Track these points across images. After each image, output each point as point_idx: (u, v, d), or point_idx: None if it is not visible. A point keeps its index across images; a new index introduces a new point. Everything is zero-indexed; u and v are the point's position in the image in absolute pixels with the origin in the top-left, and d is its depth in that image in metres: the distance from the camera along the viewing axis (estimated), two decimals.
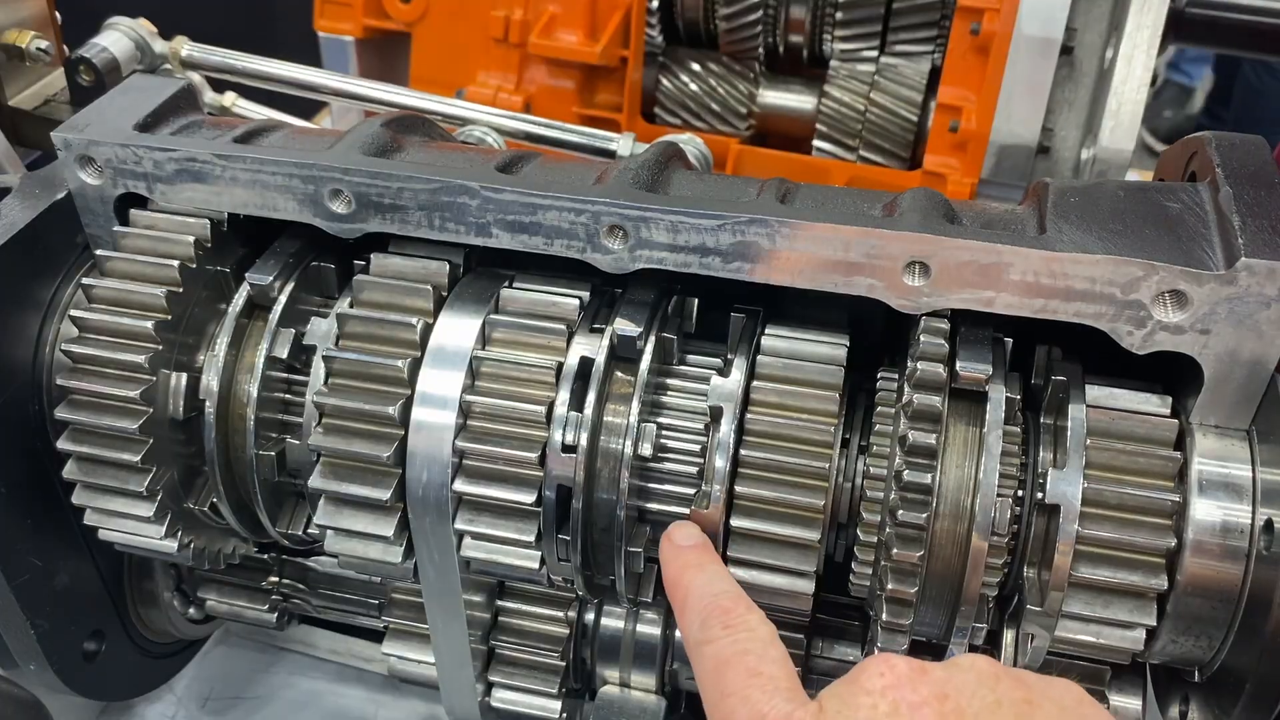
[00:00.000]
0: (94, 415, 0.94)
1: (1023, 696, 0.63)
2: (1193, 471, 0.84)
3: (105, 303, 0.96)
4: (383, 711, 1.38)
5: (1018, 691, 0.64)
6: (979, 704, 0.62)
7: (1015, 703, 0.63)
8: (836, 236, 0.86)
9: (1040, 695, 0.64)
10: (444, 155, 1.00)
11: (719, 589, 0.79)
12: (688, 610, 0.78)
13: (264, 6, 2.86)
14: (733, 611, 0.75)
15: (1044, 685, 0.65)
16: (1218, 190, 0.86)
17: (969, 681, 0.64)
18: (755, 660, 0.70)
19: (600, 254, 0.91)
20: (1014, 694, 0.63)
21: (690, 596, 0.79)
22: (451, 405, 0.90)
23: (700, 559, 0.83)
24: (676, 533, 0.87)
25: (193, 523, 1.02)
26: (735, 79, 1.91)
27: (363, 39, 1.89)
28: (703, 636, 0.75)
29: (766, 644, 0.72)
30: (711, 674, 0.72)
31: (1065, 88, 1.64)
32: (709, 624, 0.75)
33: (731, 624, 0.74)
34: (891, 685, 0.64)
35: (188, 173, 0.96)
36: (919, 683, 0.63)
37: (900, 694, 0.63)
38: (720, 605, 0.76)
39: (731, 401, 0.89)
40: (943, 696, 0.62)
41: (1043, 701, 0.63)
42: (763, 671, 0.69)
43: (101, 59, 1.35)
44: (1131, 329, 0.83)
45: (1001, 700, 0.63)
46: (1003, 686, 0.64)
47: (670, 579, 0.83)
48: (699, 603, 0.78)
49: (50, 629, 1.06)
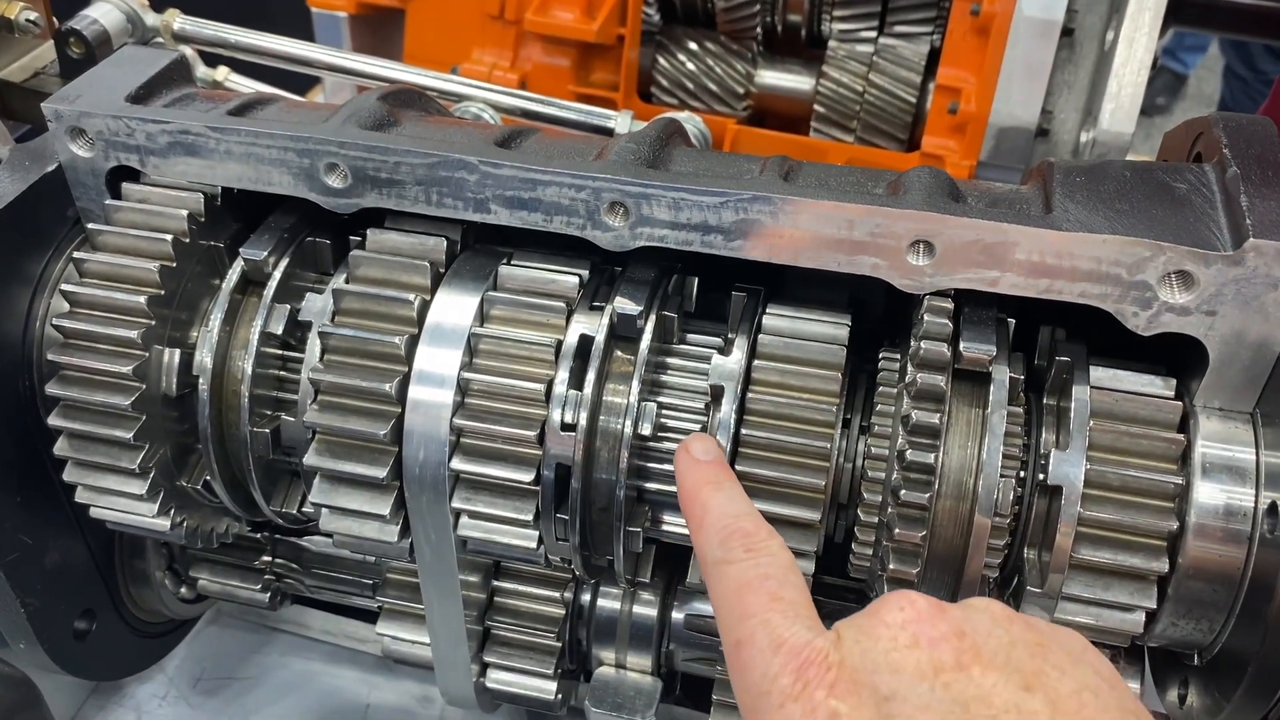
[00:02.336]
0: (85, 391, 0.93)
1: (1034, 639, 0.64)
2: (1196, 454, 0.84)
3: (97, 277, 0.95)
4: (376, 692, 1.37)
5: (1029, 634, 0.65)
6: (994, 642, 0.63)
7: (1028, 644, 0.64)
8: (840, 214, 0.85)
9: (1050, 639, 0.65)
10: (442, 130, 0.99)
11: (739, 509, 0.77)
12: (705, 527, 0.77)
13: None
14: (755, 535, 0.74)
15: (1052, 630, 0.67)
16: (1225, 170, 0.85)
17: (984, 621, 0.65)
18: (777, 585, 0.70)
19: (601, 231, 0.90)
20: (1026, 636, 0.64)
21: (709, 514, 0.78)
22: (449, 383, 0.89)
23: (718, 475, 0.82)
24: (694, 445, 0.85)
25: (185, 501, 1.01)
26: (733, 59, 1.90)
27: (356, 15, 1.87)
28: (723, 556, 0.74)
29: (788, 570, 0.72)
30: (731, 595, 0.71)
31: (1065, 70, 1.63)
32: (729, 544, 0.74)
33: (754, 547, 0.73)
34: (912, 619, 0.64)
35: (181, 145, 0.95)
36: (938, 619, 0.64)
37: (920, 628, 0.63)
38: (742, 527, 0.75)
39: (732, 381, 0.89)
40: (960, 633, 0.63)
41: (1052, 645, 0.64)
42: (784, 597, 0.69)
43: (92, 31, 1.32)
44: (1137, 310, 0.82)
45: (1015, 641, 0.63)
46: (1015, 628, 0.65)
47: (686, 492, 0.81)
48: (718, 521, 0.76)
49: (40, 608, 1.05)
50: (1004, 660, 0.62)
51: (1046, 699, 0.60)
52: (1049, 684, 0.61)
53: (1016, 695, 0.60)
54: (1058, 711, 0.59)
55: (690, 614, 1.11)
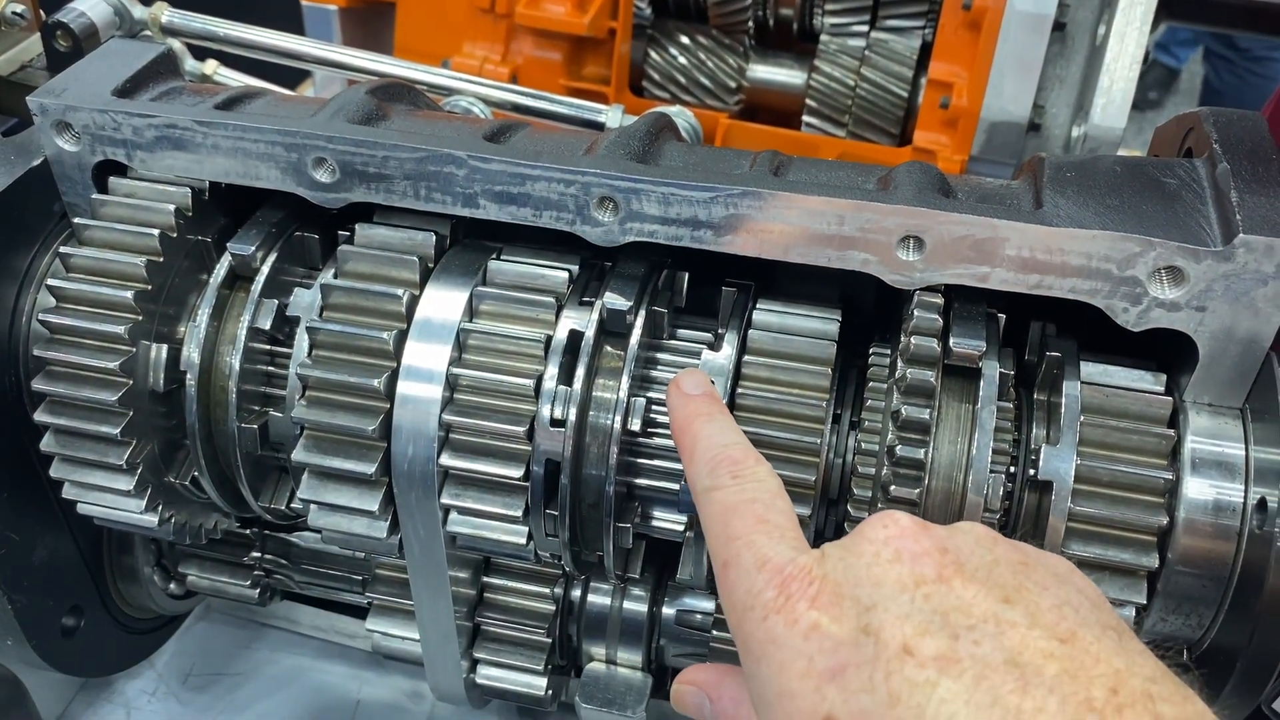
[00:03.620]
0: (72, 387, 0.92)
1: (1019, 559, 0.65)
2: (1186, 449, 0.84)
3: (83, 272, 0.94)
4: (366, 688, 1.37)
5: (1014, 554, 0.65)
6: (977, 560, 0.63)
7: (1011, 563, 0.64)
8: (830, 210, 0.85)
9: (1035, 560, 0.65)
10: (431, 124, 0.98)
11: (728, 439, 0.78)
12: (696, 458, 0.78)
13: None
14: (742, 462, 0.75)
15: (1039, 554, 0.67)
16: (1215, 166, 0.85)
17: (968, 540, 0.65)
18: (762, 508, 0.71)
19: (590, 226, 0.89)
20: (1010, 555, 0.65)
21: (699, 444, 0.78)
22: (438, 378, 0.89)
23: (709, 408, 0.82)
24: (685, 380, 0.85)
25: (174, 497, 1.01)
26: (724, 53, 1.90)
27: (346, 8, 1.86)
28: (711, 483, 0.75)
29: (774, 494, 0.73)
30: (718, 519, 0.72)
31: (1057, 64, 1.63)
32: (717, 472, 0.75)
33: (740, 473, 0.74)
34: (895, 536, 0.64)
35: (168, 140, 0.94)
36: (921, 535, 0.64)
37: (903, 544, 0.64)
38: (730, 455, 0.76)
39: (722, 376, 0.88)
40: (943, 550, 0.63)
41: (1037, 565, 0.65)
42: (769, 519, 0.70)
43: (79, 24, 1.31)
44: (1127, 306, 0.82)
45: (999, 560, 0.64)
46: (1000, 549, 0.65)
47: (678, 426, 0.82)
48: (707, 451, 0.77)
49: (28, 604, 1.04)
50: (985, 575, 0.62)
51: (1026, 610, 0.60)
52: (1029, 598, 0.61)
53: (996, 606, 0.60)
54: (1036, 623, 0.59)
55: (681, 609, 1.11)
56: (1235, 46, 4.66)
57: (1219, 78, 4.80)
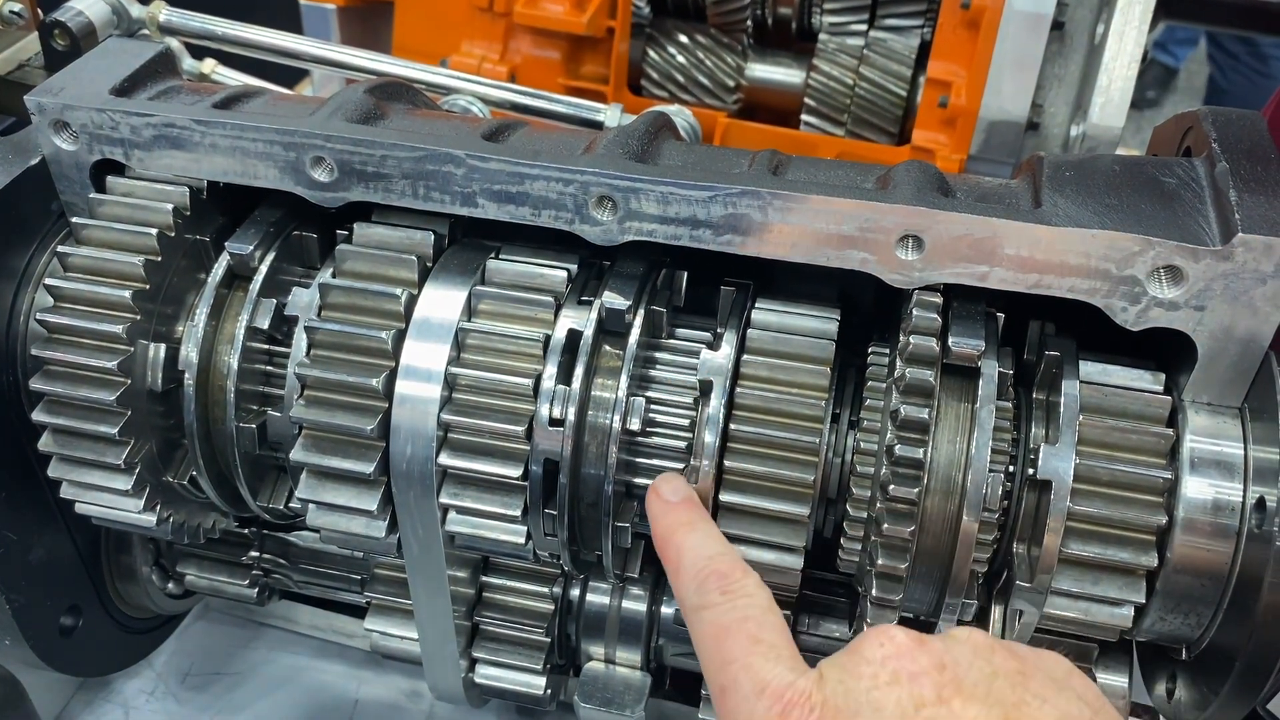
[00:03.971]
0: (70, 386, 0.92)
1: (1016, 668, 0.65)
2: (1184, 449, 0.84)
3: (81, 271, 0.94)
4: (364, 688, 1.37)
5: (1011, 663, 0.65)
6: (975, 674, 0.63)
7: (1009, 673, 0.64)
8: (829, 209, 0.84)
9: (1033, 667, 0.65)
10: (429, 123, 0.98)
11: (713, 550, 0.78)
12: (682, 572, 0.77)
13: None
14: (730, 576, 0.75)
15: (1035, 657, 0.67)
16: (1214, 165, 0.85)
17: (965, 653, 0.65)
18: (756, 627, 0.70)
19: (589, 225, 0.89)
20: (1008, 665, 0.65)
21: (684, 558, 0.78)
22: (436, 378, 0.89)
23: (691, 516, 0.82)
24: (664, 487, 0.85)
25: (172, 496, 1.01)
26: (723, 52, 1.89)
27: (344, 6, 1.86)
28: (700, 601, 0.74)
29: (766, 610, 0.72)
30: (711, 640, 0.71)
31: (1055, 63, 1.63)
32: (706, 588, 0.74)
33: (730, 589, 0.74)
34: (892, 655, 0.64)
35: (166, 139, 0.94)
36: (918, 653, 0.64)
37: (900, 664, 0.64)
38: (717, 569, 0.75)
39: (721, 375, 0.88)
40: (941, 666, 0.63)
41: (1035, 672, 0.65)
42: (764, 639, 0.70)
43: (77, 23, 1.31)
44: (1126, 305, 0.82)
45: (997, 671, 0.64)
46: (997, 658, 0.65)
47: (661, 537, 0.82)
48: (694, 565, 0.77)
49: (26, 603, 1.04)
50: (985, 692, 0.62)
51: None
52: (1030, 713, 0.61)
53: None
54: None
55: (679, 609, 1.11)
56: (1242, 40, 4.65)
57: (1224, 76, 4.80)
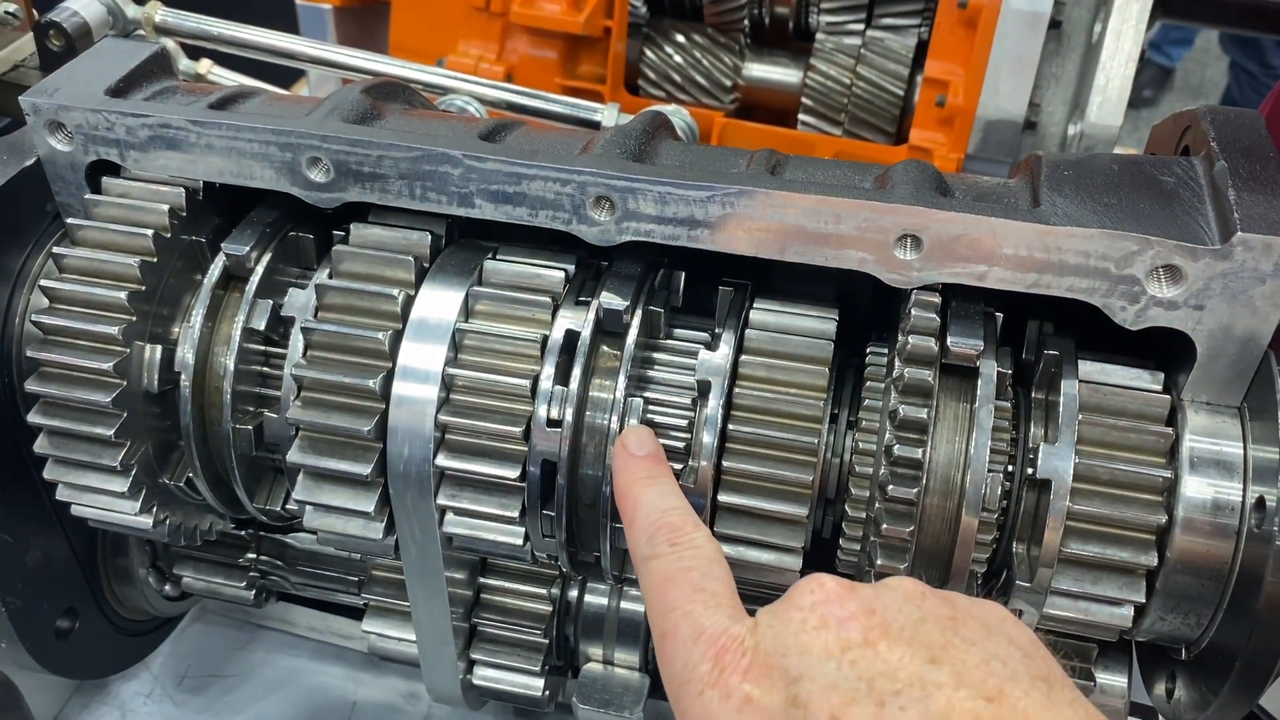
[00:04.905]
0: (66, 388, 0.92)
1: (948, 614, 0.65)
2: (1184, 448, 0.84)
3: (77, 273, 0.93)
4: (362, 689, 1.37)
5: (943, 609, 0.65)
6: (904, 619, 0.64)
7: (940, 619, 0.64)
8: (827, 209, 0.84)
9: (965, 613, 0.65)
10: (425, 123, 0.98)
11: (667, 504, 0.79)
12: (636, 524, 0.79)
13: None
14: (680, 529, 0.76)
15: (969, 604, 0.67)
16: (1212, 164, 0.85)
17: (896, 599, 0.65)
18: (699, 577, 0.72)
19: (586, 226, 0.89)
20: (939, 610, 0.65)
21: (639, 510, 0.79)
22: (434, 379, 0.89)
23: (652, 470, 0.83)
24: (630, 438, 0.85)
25: (168, 498, 1.00)
26: (720, 51, 1.89)
27: (340, 6, 1.86)
28: (649, 552, 0.76)
29: (711, 562, 0.74)
30: (656, 589, 0.73)
31: (1053, 63, 1.63)
32: (655, 540, 0.76)
33: (678, 541, 0.75)
34: (821, 601, 0.65)
35: (162, 139, 0.94)
36: (847, 599, 0.65)
37: (829, 609, 0.64)
38: (668, 522, 0.77)
39: (719, 376, 0.88)
40: (869, 611, 0.64)
41: (967, 618, 0.65)
42: (705, 588, 0.71)
43: (72, 23, 1.31)
44: (1125, 304, 0.82)
45: (926, 616, 0.64)
46: (928, 604, 0.65)
47: (620, 488, 0.83)
48: (647, 518, 0.78)
49: (22, 606, 1.04)
50: (911, 635, 0.62)
51: (952, 670, 0.60)
52: (956, 655, 0.61)
53: (922, 668, 0.60)
54: (963, 682, 0.59)
55: None
56: (1266, 63, 4.67)
57: (1240, 91, 4.81)
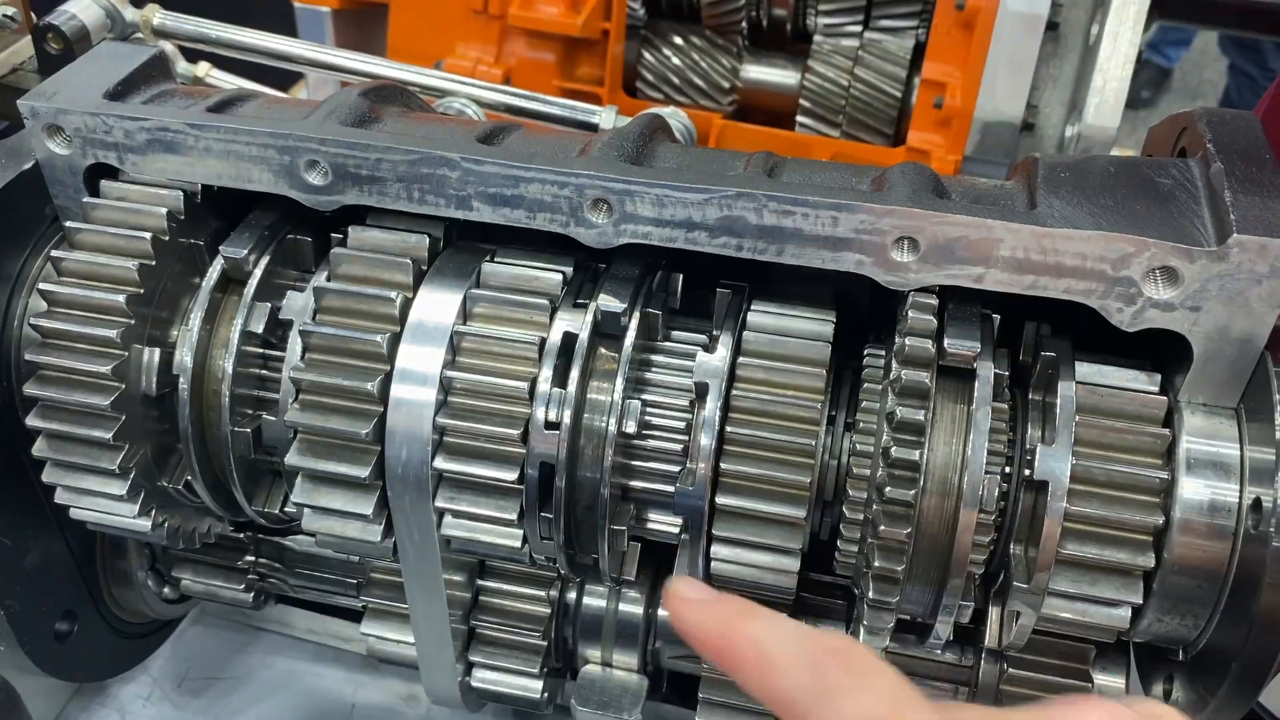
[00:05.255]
0: (64, 391, 0.92)
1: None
2: (1181, 449, 0.84)
3: (75, 276, 0.93)
4: (361, 692, 1.37)
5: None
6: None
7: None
8: (825, 211, 0.84)
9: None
10: (423, 126, 0.98)
11: (800, 628, 0.67)
12: (776, 663, 0.65)
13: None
14: (849, 651, 0.65)
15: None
16: (1209, 166, 0.85)
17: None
18: (912, 712, 0.62)
19: (584, 228, 0.89)
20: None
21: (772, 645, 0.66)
22: (432, 381, 0.89)
23: (743, 606, 0.71)
24: (684, 589, 0.74)
25: (167, 501, 1.00)
26: (718, 53, 1.89)
27: (339, 9, 1.85)
28: (825, 687, 0.63)
29: (899, 684, 0.64)
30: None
31: (1050, 64, 1.63)
32: (825, 669, 0.64)
33: (857, 668, 0.64)
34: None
35: (160, 143, 0.94)
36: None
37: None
38: (828, 646, 0.65)
39: (717, 378, 0.88)
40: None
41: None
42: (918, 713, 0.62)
43: (70, 26, 1.31)
44: (1121, 306, 0.82)
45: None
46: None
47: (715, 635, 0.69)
48: (793, 650, 0.66)
49: (20, 609, 1.04)
50: None
51: None
52: None
53: None
54: None
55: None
56: (1265, 65, 4.68)
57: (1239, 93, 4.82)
